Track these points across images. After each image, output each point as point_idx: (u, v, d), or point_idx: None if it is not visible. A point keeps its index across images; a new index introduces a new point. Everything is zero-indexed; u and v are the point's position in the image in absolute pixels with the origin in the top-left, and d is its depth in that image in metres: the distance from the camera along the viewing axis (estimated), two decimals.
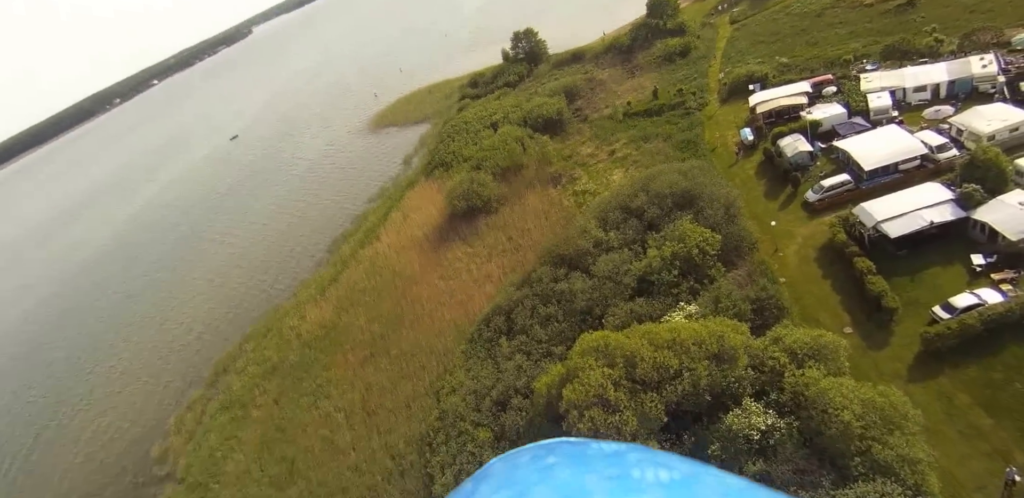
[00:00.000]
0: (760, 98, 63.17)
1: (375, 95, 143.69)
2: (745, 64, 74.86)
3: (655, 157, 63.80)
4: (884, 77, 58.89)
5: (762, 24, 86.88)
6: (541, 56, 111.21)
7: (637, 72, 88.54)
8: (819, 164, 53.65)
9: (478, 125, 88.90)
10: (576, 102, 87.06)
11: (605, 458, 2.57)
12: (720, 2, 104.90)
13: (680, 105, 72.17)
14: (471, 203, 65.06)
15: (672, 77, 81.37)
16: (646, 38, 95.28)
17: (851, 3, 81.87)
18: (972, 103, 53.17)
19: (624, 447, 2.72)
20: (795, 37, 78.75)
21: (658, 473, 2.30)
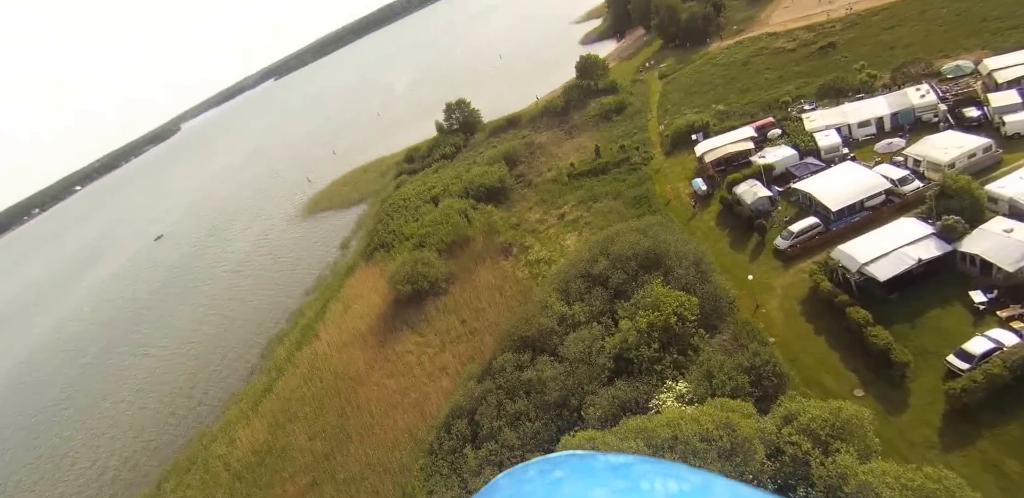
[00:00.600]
0: (706, 147, 60.81)
1: (308, 180, 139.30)
2: (683, 115, 73.54)
3: (608, 217, 59.83)
4: (826, 115, 57.41)
5: (691, 76, 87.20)
6: (476, 125, 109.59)
7: (575, 132, 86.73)
8: (780, 208, 50.35)
9: (418, 201, 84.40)
10: (517, 168, 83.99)
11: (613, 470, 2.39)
12: (645, 60, 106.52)
13: (625, 161, 69.48)
14: (417, 286, 59.00)
15: (612, 134, 79.49)
16: (580, 99, 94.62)
17: (773, 50, 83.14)
18: (920, 133, 51.60)
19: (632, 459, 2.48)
20: (726, 85, 78.59)
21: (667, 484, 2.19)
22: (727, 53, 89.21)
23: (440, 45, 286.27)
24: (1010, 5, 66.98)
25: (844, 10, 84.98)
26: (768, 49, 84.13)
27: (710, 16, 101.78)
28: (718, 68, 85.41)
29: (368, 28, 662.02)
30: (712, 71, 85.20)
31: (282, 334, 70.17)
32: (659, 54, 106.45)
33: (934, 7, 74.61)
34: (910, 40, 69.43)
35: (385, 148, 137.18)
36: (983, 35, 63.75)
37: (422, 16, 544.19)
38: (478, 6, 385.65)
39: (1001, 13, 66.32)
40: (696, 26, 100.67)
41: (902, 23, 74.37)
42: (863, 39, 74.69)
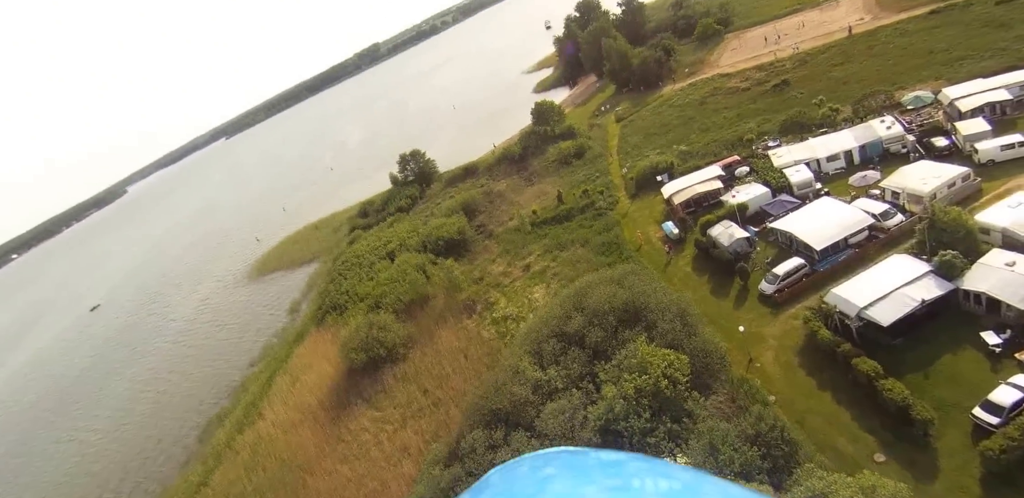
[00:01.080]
0: (673, 188, 58.02)
1: (257, 239, 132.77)
2: (645, 156, 71.34)
3: (577, 266, 55.76)
4: (793, 151, 55.47)
5: (648, 119, 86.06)
6: (432, 175, 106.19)
7: (535, 179, 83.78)
8: (759, 250, 47.11)
9: (372, 257, 79.20)
10: (477, 218, 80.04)
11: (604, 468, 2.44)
12: (600, 105, 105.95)
13: (589, 207, 66.22)
14: (372, 353, 53.17)
15: (573, 179, 76.66)
16: (537, 145, 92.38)
17: (727, 90, 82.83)
18: (890, 164, 49.78)
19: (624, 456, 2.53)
20: (685, 126, 77.27)
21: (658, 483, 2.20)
22: (682, 95, 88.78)
23: (393, 99, 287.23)
24: (952, 38, 68.05)
25: (791, 50, 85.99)
26: (722, 89, 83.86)
27: (661, 60, 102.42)
28: (675, 109, 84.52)
29: (321, 85, 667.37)
30: (669, 112, 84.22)
31: (223, 413, 62.68)
32: (613, 99, 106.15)
33: (880, 43, 75.65)
34: (862, 75, 69.48)
35: (338, 203, 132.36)
36: (933, 67, 63.98)
37: (375, 73, 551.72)
38: (429, 62, 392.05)
39: (946, 45, 67.14)
40: (648, 70, 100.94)
41: (851, 59, 74.92)
42: (815, 76, 74.77)
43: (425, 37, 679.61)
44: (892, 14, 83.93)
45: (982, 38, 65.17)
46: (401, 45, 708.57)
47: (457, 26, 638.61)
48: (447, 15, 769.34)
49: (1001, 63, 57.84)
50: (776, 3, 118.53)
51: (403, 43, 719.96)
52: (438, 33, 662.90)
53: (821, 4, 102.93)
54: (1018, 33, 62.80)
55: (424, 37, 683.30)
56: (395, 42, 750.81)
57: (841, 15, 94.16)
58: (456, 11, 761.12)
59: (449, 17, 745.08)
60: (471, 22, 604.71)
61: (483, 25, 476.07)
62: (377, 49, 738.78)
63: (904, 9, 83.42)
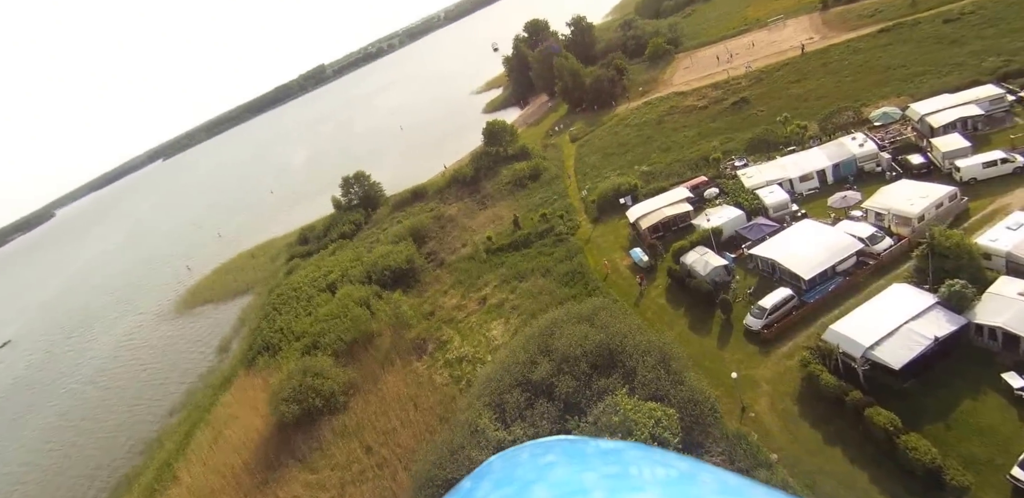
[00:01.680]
0: (639, 211, 53.66)
1: (188, 268, 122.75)
2: (605, 178, 67.21)
3: (538, 298, 50.38)
4: (764, 170, 52.06)
5: (605, 138, 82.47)
6: (378, 199, 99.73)
7: (489, 202, 78.55)
8: (739, 279, 42.85)
9: (311, 290, 71.93)
10: (427, 244, 74.05)
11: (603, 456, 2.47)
12: (554, 124, 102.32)
13: (549, 232, 61.24)
14: (307, 404, 46.11)
15: (529, 202, 71.77)
16: (490, 166, 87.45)
17: (684, 108, 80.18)
18: (867, 184, 46.81)
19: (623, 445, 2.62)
20: (644, 145, 73.81)
21: (656, 470, 2.21)
22: (637, 114, 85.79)
23: (339, 120, 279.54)
24: (906, 54, 67.12)
25: (744, 68, 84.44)
26: (679, 107, 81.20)
27: (614, 79, 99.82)
28: (632, 128, 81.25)
29: (265, 106, 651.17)
30: (626, 132, 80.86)
31: (135, 473, 53.95)
32: (567, 118, 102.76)
33: (834, 60, 74.45)
34: (821, 91, 67.64)
35: (277, 228, 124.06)
36: (893, 83, 62.46)
37: (320, 94, 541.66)
38: (376, 83, 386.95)
39: (901, 61, 66.07)
40: (602, 89, 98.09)
41: (807, 76, 73.34)
42: (773, 93, 72.76)
43: (371, 59, 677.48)
44: (841, 33, 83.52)
45: (936, 54, 64.30)
46: (347, 67, 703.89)
47: (403, 49, 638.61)
48: (393, 38, 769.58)
49: (962, 78, 56.48)
50: (723, 24, 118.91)
51: (349, 65, 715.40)
52: (384, 56, 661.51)
53: (768, 25, 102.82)
54: (972, 49, 62.11)
55: (370, 59, 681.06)
56: (341, 64, 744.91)
57: (789, 35, 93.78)
58: (402, 34, 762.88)
59: (396, 40, 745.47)
60: (417, 45, 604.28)
61: (429, 48, 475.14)
62: (323, 71, 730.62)
63: (852, 28, 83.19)
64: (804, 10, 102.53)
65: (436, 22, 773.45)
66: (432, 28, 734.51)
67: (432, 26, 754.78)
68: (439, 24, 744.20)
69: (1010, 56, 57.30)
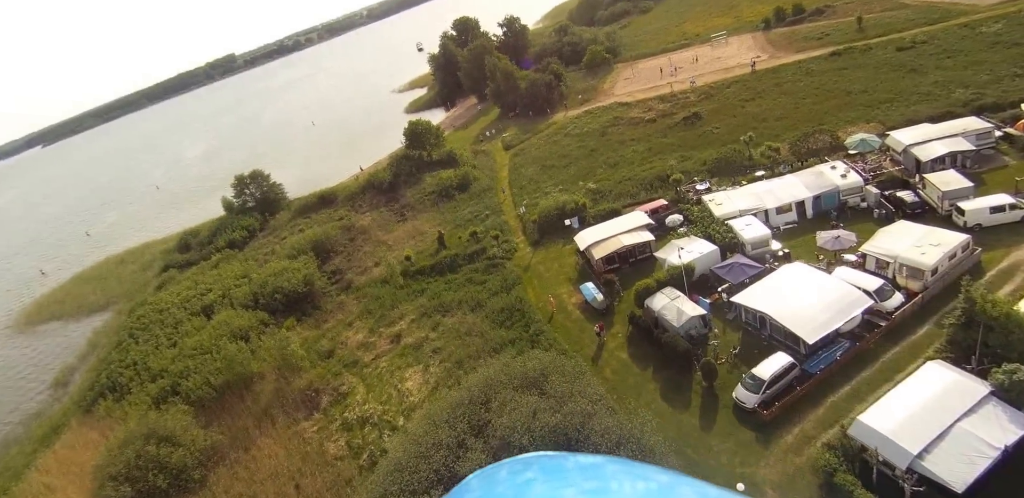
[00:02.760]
0: (590, 238, 45.07)
1: (42, 272, 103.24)
2: (546, 194, 58.56)
3: (466, 341, 40.57)
4: (734, 198, 44.97)
5: (542, 148, 74.00)
6: (278, 203, 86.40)
7: (409, 213, 67.95)
8: (717, 332, 35.01)
9: (181, 312, 58.46)
10: (333, 261, 62.46)
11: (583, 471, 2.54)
12: (484, 129, 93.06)
13: (480, 254, 51.63)
14: (145, 485, 33.81)
15: (456, 216, 61.86)
16: (412, 172, 76.81)
17: (630, 120, 73.21)
18: (854, 222, 40.69)
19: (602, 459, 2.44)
20: (588, 158, 65.85)
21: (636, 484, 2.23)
22: (578, 123, 78.09)
23: (246, 111, 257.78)
24: (865, 80, 63.30)
25: (688, 83, 78.98)
26: (624, 119, 74.18)
27: (552, 84, 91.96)
28: (573, 139, 73.30)
29: (165, 94, 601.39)
30: (567, 142, 72.78)
31: None
32: (499, 123, 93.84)
33: (787, 80, 69.92)
34: (779, 112, 62.44)
35: (158, 230, 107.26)
36: (857, 108, 57.93)
37: (228, 83, 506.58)
38: (290, 76, 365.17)
39: (862, 87, 62.04)
40: (538, 94, 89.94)
41: (761, 95, 68.25)
42: (727, 110, 67.08)
43: (287, 52, 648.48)
44: (789, 53, 79.85)
45: (898, 82, 60.62)
46: (259, 58, 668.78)
47: (322, 44, 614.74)
48: (312, 32, 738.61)
49: (934, 108, 52.43)
50: (661, 38, 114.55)
51: (262, 56, 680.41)
52: (301, 49, 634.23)
53: (711, 41, 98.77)
54: (935, 79, 58.72)
55: (285, 52, 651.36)
56: (253, 55, 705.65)
57: (733, 52, 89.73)
58: (321, 29, 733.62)
59: (314, 35, 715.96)
60: (337, 41, 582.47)
61: (350, 45, 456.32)
62: (233, 60, 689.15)
63: (800, 49, 79.68)
64: (746, 29, 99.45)
65: (358, 19, 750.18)
66: (354, 25, 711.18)
67: (354, 23, 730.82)
68: (361, 21, 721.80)
69: (979, 89, 53.96)
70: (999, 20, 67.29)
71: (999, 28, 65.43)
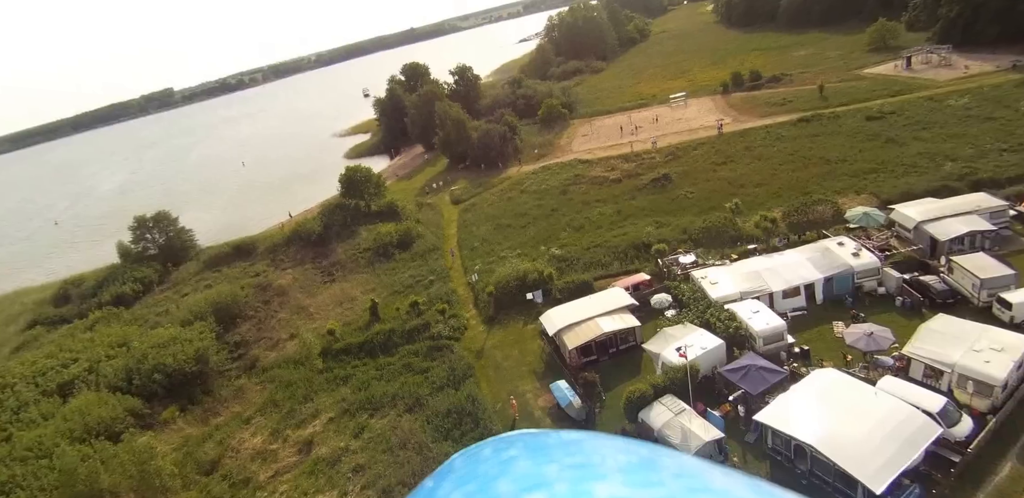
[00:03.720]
0: (560, 320, 36.51)
1: None
2: (502, 258, 50.27)
3: (400, 457, 30.59)
4: (731, 276, 37.89)
5: (496, 204, 66.31)
6: (185, 251, 74.51)
7: (339, 273, 58.01)
8: (736, 460, 26.69)
9: (29, 391, 45.42)
10: (238, 329, 51.42)
11: (565, 446, 2.47)
12: (431, 181, 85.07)
13: (422, 331, 42.18)
14: None
15: (395, 280, 52.42)
16: (346, 224, 67.25)
17: (593, 179, 66.92)
18: (873, 311, 34.23)
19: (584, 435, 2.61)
20: (549, 219, 58.42)
21: (617, 458, 2.25)
22: (535, 178, 71.28)
23: (175, 145, 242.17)
24: (842, 148, 59.68)
25: (650, 143, 74.35)
26: (585, 177, 67.88)
27: (506, 136, 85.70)
28: (530, 196, 66.07)
29: (93, 123, 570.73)
30: (524, 199, 65.45)
31: None
32: (447, 174, 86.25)
33: (759, 145, 65.88)
34: (756, 178, 57.47)
35: (45, 272, 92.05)
36: (841, 178, 53.45)
37: (163, 117, 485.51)
38: (230, 113, 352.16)
39: (841, 155, 58.16)
40: (491, 145, 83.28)
41: (733, 159, 63.59)
42: (698, 173, 61.80)
43: (229, 90, 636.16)
44: (754, 118, 76.82)
45: (878, 152, 57.08)
46: (200, 95, 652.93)
47: (267, 85, 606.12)
48: (257, 73, 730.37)
49: (929, 182, 48.29)
50: (616, 97, 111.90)
51: (203, 93, 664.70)
52: (244, 89, 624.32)
53: (669, 102, 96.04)
54: (917, 150, 55.39)
55: (228, 90, 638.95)
56: (193, 91, 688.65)
57: (694, 114, 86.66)
58: (268, 70, 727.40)
59: (259, 75, 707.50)
60: (282, 83, 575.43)
61: (295, 87, 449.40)
62: (171, 94, 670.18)
63: (765, 114, 76.85)
64: (703, 92, 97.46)
65: (306, 63, 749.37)
66: (301, 68, 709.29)
67: (301, 66, 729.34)
68: (309, 66, 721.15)
69: (968, 163, 50.51)
70: (963, 95, 66.12)
71: (966, 102, 63.99)
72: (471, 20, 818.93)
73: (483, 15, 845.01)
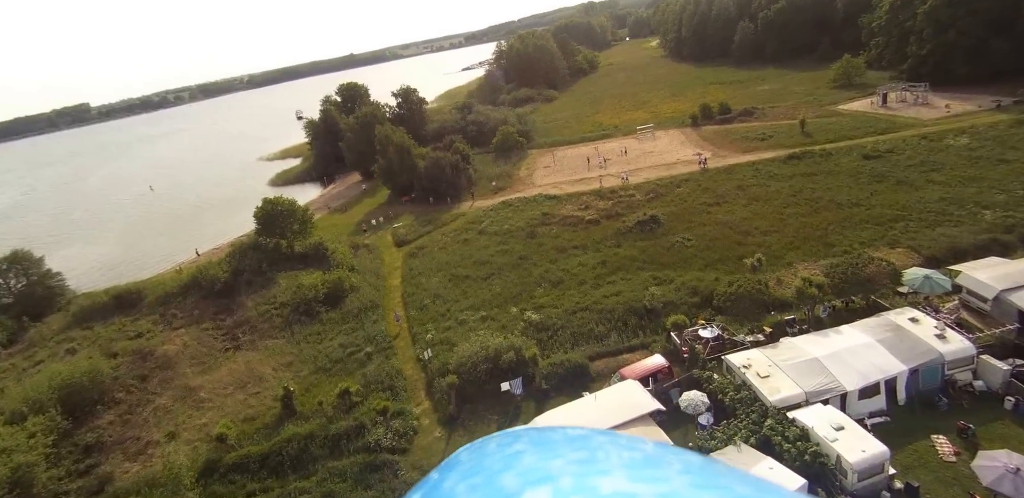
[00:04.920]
0: None
1: None
2: (461, 322, 38.70)
3: None
4: (785, 365, 27.74)
5: (450, 248, 54.84)
6: (51, 300, 58.94)
7: (245, 336, 44.72)
8: None
9: None
10: (96, 421, 37.29)
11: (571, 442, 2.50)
12: (369, 216, 72.72)
13: (353, 437, 29.77)
14: None
15: (319, 351, 39.75)
16: (259, 269, 54.02)
17: (565, 219, 56.81)
18: (976, 415, 24.91)
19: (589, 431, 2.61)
20: (518, 270, 47.36)
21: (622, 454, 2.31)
22: (495, 217, 60.59)
23: (78, 165, 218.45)
24: (848, 191, 52.25)
25: (620, 179, 65.69)
26: (555, 217, 57.76)
27: (458, 165, 75.04)
28: (490, 238, 55.14)
29: None
30: (483, 242, 54.38)
31: None
32: (389, 209, 74.38)
33: (750, 184, 57.97)
34: (763, 224, 48.80)
35: None
36: (865, 226, 45.25)
37: (75, 134, 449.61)
38: (149, 131, 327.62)
39: (850, 198, 50.51)
40: (440, 176, 72.30)
41: (726, 200, 55.18)
42: (691, 216, 52.77)
43: (152, 108, 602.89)
44: (735, 153, 69.53)
45: (893, 196, 49.69)
46: (119, 111, 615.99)
47: (194, 104, 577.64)
48: (184, 91, 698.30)
49: (972, 234, 40.67)
50: (575, 127, 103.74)
51: (123, 109, 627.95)
52: (169, 107, 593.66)
53: (636, 133, 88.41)
54: (938, 195, 48.26)
55: (151, 108, 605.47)
56: (112, 108, 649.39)
57: (665, 147, 79.03)
58: (195, 89, 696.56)
59: (186, 94, 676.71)
60: (211, 102, 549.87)
61: (225, 107, 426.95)
62: (87, 110, 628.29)
63: (747, 149, 69.72)
64: (669, 124, 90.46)
65: (238, 83, 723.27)
66: (232, 89, 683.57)
67: (233, 86, 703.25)
68: (241, 86, 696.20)
69: (1005, 211, 43.38)
70: (958, 134, 60.66)
71: (967, 142, 58.32)
72: (412, 48, 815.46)
73: (424, 45, 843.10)
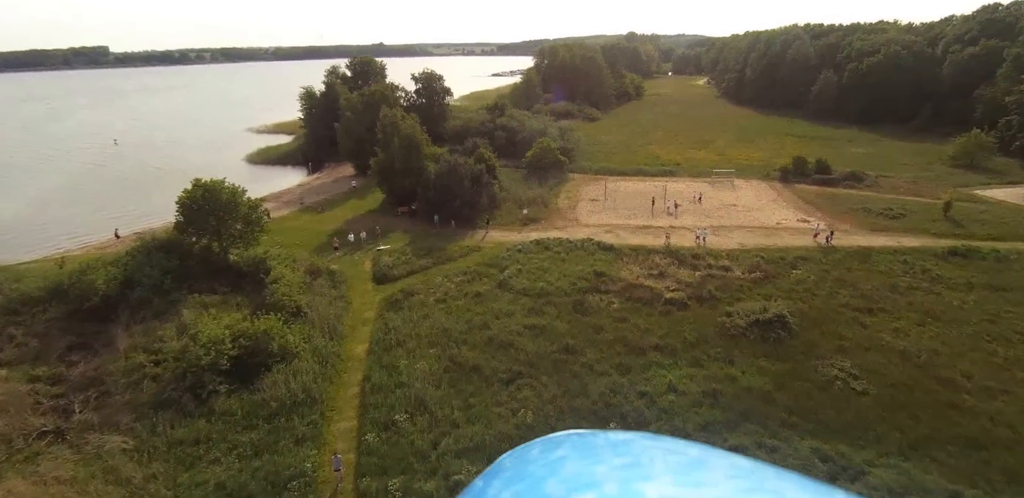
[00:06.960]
0: None
1: None
2: (453, 492, 19.54)
3: None
4: None
5: (454, 304, 34.74)
6: None
7: (82, 414, 24.77)
8: None
9: None
10: None
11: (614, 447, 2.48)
12: (349, 224, 53.17)
13: None
14: None
15: (191, 494, 20.12)
16: (160, 287, 34.10)
17: (631, 291, 37.56)
18: None
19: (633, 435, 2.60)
20: (561, 373, 27.47)
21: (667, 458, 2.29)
22: (526, 264, 41.40)
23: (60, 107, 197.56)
24: None
25: (696, 239, 47.34)
26: (616, 282, 38.74)
27: (481, 178, 56.08)
28: (517, 298, 35.67)
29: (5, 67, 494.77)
30: (505, 304, 34.75)
31: None
32: (378, 220, 54.97)
33: (905, 286, 39.51)
34: (972, 370, 30.17)
35: None
36: None
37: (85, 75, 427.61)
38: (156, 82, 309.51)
39: None
40: (457, 188, 53.19)
41: (882, 307, 36.84)
42: (838, 327, 34.01)
43: (170, 63, 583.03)
44: (859, 229, 51.66)
45: None
46: (136, 60, 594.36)
47: (214, 65, 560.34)
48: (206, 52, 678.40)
49: None
50: (626, 156, 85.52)
51: (140, 59, 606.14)
52: (187, 64, 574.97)
53: (711, 176, 70.43)
54: None
55: (169, 62, 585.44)
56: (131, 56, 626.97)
57: (752, 201, 61.34)
58: (218, 52, 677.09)
59: (207, 54, 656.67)
60: (232, 67, 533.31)
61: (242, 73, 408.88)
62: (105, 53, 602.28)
63: (875, 228, 51.81)
64: (749, 172, 72.47)
65: (261, 53, 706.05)
66: (255, 57, 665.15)
67: (256, 55, 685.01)
68: (264, 56, 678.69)
69: None
70: None
71: None
72: (444, 49, 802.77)
73: (456, 47, 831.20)
